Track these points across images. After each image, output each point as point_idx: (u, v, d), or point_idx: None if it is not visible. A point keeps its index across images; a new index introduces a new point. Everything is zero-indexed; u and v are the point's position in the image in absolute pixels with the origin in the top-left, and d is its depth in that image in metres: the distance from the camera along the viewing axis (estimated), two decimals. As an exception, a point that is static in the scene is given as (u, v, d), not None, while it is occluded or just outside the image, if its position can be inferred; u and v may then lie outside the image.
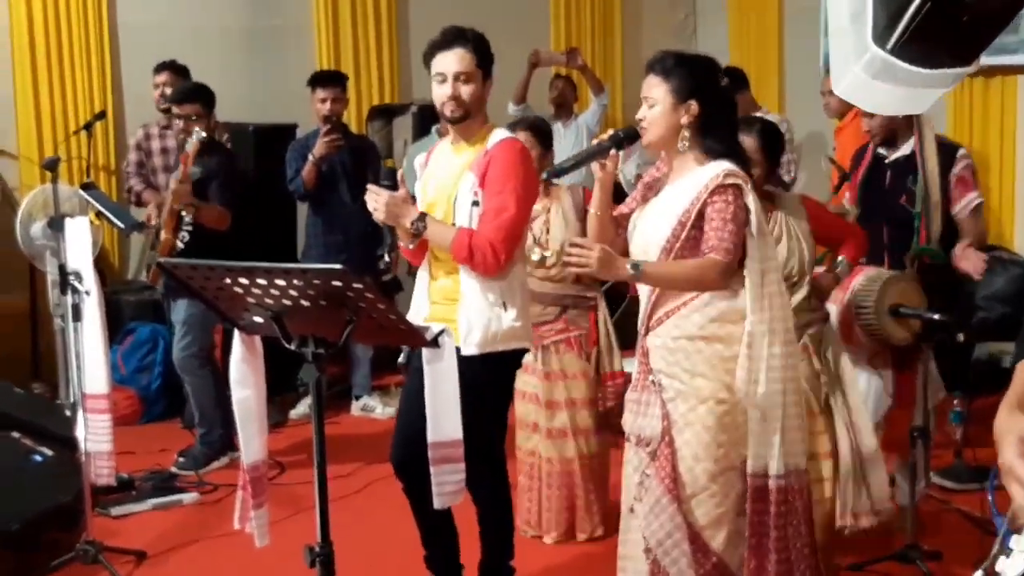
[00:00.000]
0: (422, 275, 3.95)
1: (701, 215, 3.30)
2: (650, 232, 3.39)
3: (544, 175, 3.74)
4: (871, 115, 4.74)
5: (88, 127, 7.51)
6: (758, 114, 6.84)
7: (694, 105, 3.33)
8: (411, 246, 3.82)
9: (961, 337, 4.38)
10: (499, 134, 3.83)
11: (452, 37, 3.75)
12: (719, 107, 3.41)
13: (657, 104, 3.35)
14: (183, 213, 5.61)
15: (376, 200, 3.72)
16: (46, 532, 4.62)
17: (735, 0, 9.04)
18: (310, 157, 6.42)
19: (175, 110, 5.80)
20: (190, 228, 5.64)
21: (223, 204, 5.75)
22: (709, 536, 3.33)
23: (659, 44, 8.80)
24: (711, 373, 3.32)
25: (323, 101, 6.62)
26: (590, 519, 4.82)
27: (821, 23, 7.95)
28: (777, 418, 3.31)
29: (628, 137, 3.44)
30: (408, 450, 3.66)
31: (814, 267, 4.24)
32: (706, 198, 3.28)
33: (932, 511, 4.95)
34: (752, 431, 3.31)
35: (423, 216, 3.73)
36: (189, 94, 5.83)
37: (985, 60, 6.56)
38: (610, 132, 3.47)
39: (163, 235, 5.62)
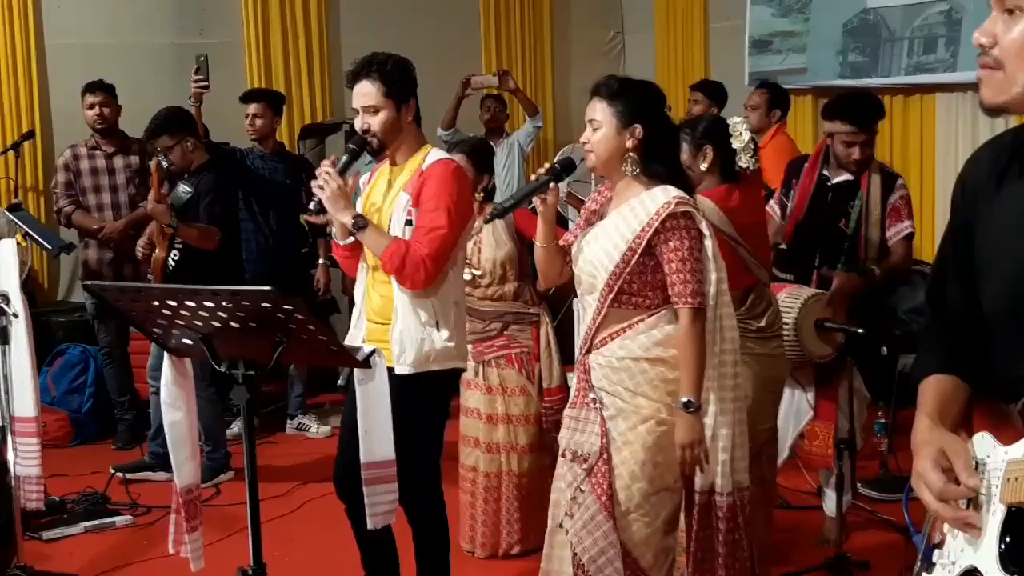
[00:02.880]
0: (360, 291, 3.95)
1: (651, 244, 3.32)
2: (600, 257, 3.40)
3: (487, 218, 3.74)
4: (841, 119, 4.68)
5: (16, 147, 7.45)
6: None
7: (638, 129, 3.35)
8: (343, 242, 3.81)
9: (885, 350, 4.45)
10: (435, 155, 3.83)
11: (359, 69, 3.75)
12: (663, 132, 3.45)
13: (602, 127, 3.37)
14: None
15: (327, 180, 3.66)
16: (-24, 558, 4.58)
17: (661, 18, 9.16)
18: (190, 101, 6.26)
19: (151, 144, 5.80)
20: (180, 246, 5.66)
21: (209, 221, 5.72)
22: (639, 554, 3.37)
23: (589, 63, 9.05)
24: (653, 393, 3.36)
25: (246, 116, 6.66)
26: (511, 535, 4.85)
27: (745, 39, 8.10)
28: (726, 436, 3.39)
29: (565, 169, 3.48)
30: (348, 471, 3.64)
31: None
32: (657, 226, 3.30)
33: (859, 521, 5.04)
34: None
35: (363, 217, 3.71)
36: (156, 130, 5.77)
37: (905, 79, 6.80)
38: (546, 165, 3.49)
39: (157, 252, 5.66)
